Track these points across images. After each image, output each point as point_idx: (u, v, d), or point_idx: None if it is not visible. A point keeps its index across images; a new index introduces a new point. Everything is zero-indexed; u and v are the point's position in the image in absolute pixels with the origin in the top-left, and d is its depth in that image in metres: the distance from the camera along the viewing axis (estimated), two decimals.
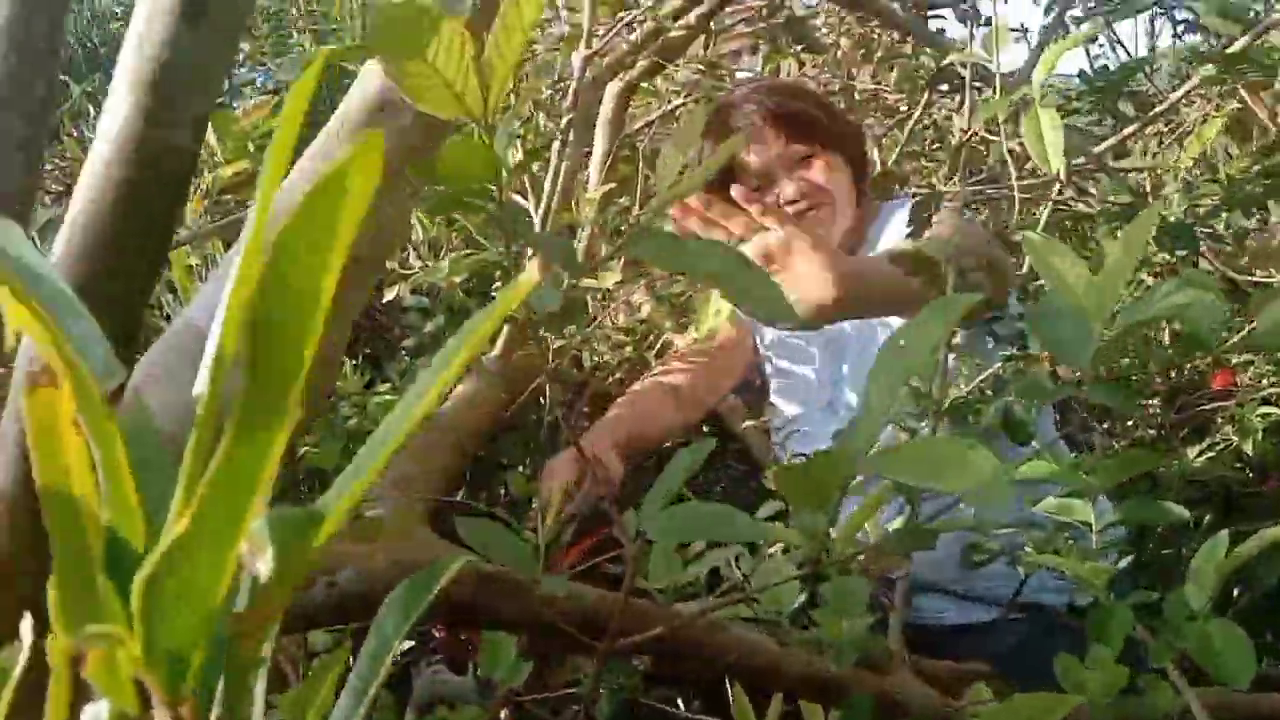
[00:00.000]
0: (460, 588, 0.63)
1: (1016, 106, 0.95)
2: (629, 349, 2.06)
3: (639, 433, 1.45)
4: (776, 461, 1.40)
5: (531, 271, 0.27)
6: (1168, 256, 1.19)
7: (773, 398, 1.58)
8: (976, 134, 0.98)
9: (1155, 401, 2.13)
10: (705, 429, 1.79)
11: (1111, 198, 1.07)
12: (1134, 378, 2.21)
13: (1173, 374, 2.14)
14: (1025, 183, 1.38)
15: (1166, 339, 2.21)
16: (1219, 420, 2.04)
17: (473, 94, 0.53)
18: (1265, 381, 2.02)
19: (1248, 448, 1.90)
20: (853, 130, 1.54)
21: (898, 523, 0.87)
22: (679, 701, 1.00)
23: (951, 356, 1.15)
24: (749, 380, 1.68)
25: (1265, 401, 1.93)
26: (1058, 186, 1.29)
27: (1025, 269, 0.98)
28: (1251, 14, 1.01)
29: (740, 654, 0.70)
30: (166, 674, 0.23)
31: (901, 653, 0.79)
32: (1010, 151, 1.09)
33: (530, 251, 0.80)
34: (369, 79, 0.85)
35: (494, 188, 0.55)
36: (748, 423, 1.67)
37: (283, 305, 0.18)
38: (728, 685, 0.81)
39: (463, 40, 0.52)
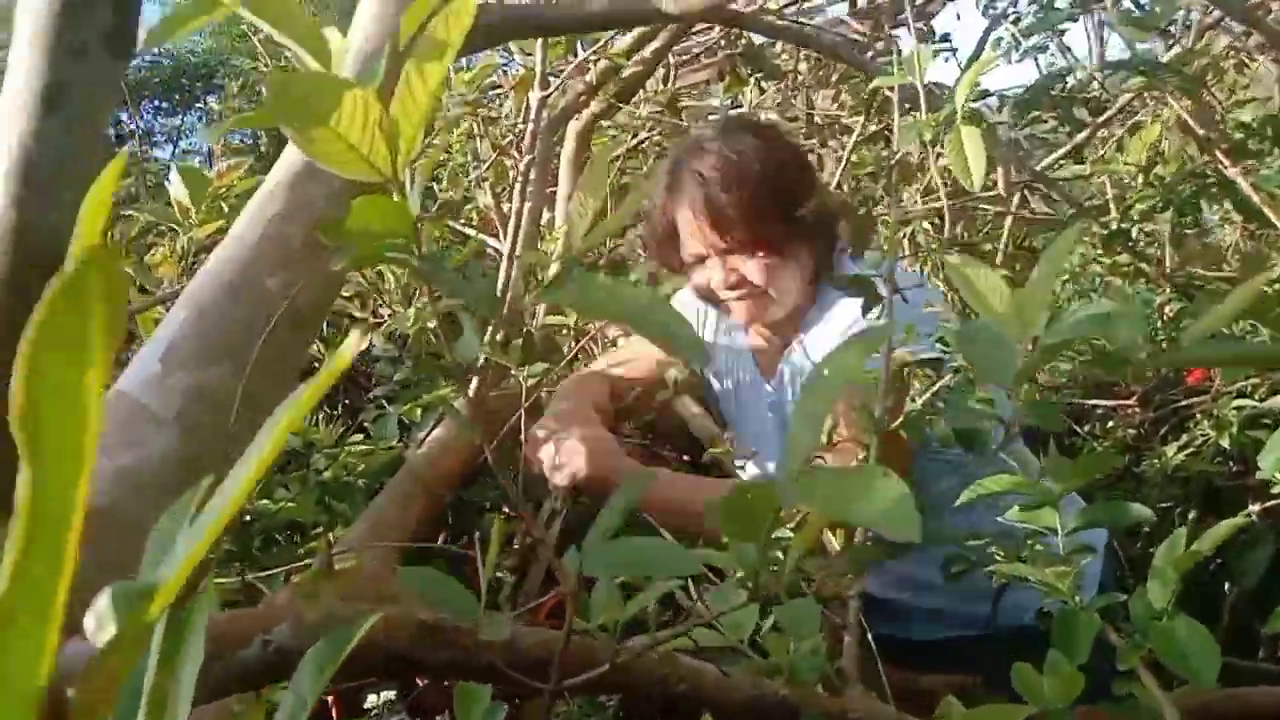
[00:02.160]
0: (399, 639, 0.64)
1: (943, 126, 0.97)
2: None
3: (598, 406, 1.44)
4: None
5: (353, 340, 0.28)
6: (1107, 260, 1.20)
7: (726, 420, 1.58)
8: (910, 154, 0.99)
9: (1132, 402, 2.14)
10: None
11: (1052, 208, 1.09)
12: (1113, 380, 2.22)
13: (1148, 373, 2.15)
14: (968, 200, 1.39)
15: None
16: (1197, 416, 2.05)
17: (380, 156, 0.55)
18: (1240, 375, 2.03)
19: (1224, 442, 1.90)
20: (807, 223, 1.32)
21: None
22: None
23: (906, 371, 1.17)
24: None
25: (1240, 394, 1.94)
26: (1014, 199, 1.31)
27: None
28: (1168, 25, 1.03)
29: (689, 682, 0.71)
30: None
31: (855, 674, 0.80)
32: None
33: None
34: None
35: (411, 242, 0.57)
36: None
37: (45, 419, 0.19)
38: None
39: (366, 105, 0.54)
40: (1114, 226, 1.11)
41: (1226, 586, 2.02)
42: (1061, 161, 1.62)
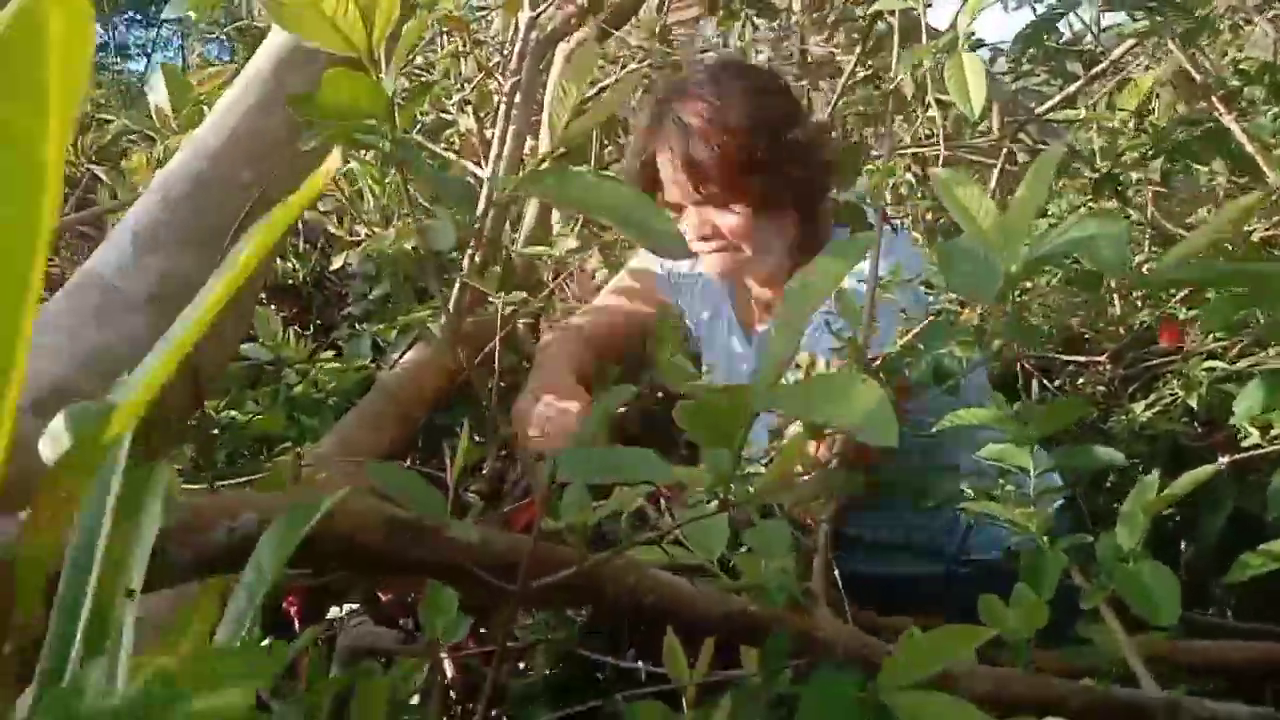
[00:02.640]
0: (368, 533, 0.63)
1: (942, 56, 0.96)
2: None
3: (579, 371, 1.44)
4: None
5: (334, 158, 0.27)
6: (1095, 207, 1.20)
7: (705, 361, 1.58)
8: (904, 85, 0.98)
9: (1104, 359, 2.15)
10: None
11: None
12: (1085, 335, 2.23)
13: (1121, 331, 2.16)
14: (969, 143, 1.38)
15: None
16: (1167, 376, 2.06)
17: (355, 29, 0.53)
18: (1211, 337, 2.05)
19: (1193, 402, 1.92)
20: (798, 175, 1.30)
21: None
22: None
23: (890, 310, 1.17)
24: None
25: (1211, 356, 1.95)
26: (1004, 144, 1.30)
27: None
28: None
29: (658, 594, 0.71)
30: None
31: (822, 595, 0.80)
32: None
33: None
34: (281, 30, 0.84)
35: (385, 123, 0.55)
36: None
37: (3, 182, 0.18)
38: (667, 636, 0.82)
39: None
40: (1104, 172, 1.11)
41: (1183, 545, 2.05)
42: (1053, 113, 1.61)
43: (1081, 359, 2.20)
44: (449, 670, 1.12)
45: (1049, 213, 1.58)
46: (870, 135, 2.31)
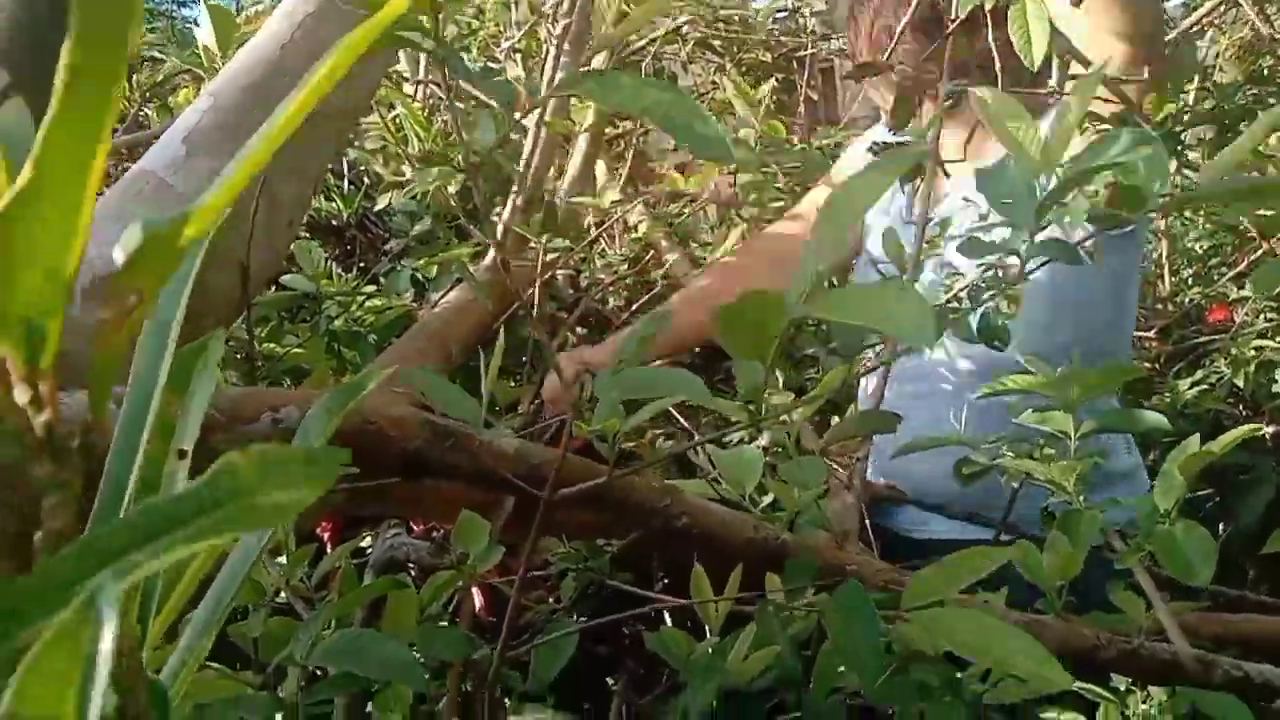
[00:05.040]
0: (409, 439, 0.64)
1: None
2: (624, 267, 2.06)
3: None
4: None
5: None
6: None
7: None
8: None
9: (1151, 334, 2.12)
10: None
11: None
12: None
13: (1170, 307, 2.13)
14: (1029, 90, 1.35)
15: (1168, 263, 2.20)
16: (1214, 355, 2.03)
17: None
18: (1261, 317, 2.01)
19: (1239, 381, 1.89)
20: None
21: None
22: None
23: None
24: None
25: (1260, 336, 1.92)
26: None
27: None
28: None
29: (691, 516, 0.71)
30: (22, 344, 0.23)
31: (855, 531, 0.80)
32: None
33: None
34: None
35: (428, 19, 0.55)
36: None
37: None
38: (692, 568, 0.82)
39: None
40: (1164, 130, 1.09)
41: (1221, 527, 2.02)
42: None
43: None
44: (478, 601, 1.13)
45: None
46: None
